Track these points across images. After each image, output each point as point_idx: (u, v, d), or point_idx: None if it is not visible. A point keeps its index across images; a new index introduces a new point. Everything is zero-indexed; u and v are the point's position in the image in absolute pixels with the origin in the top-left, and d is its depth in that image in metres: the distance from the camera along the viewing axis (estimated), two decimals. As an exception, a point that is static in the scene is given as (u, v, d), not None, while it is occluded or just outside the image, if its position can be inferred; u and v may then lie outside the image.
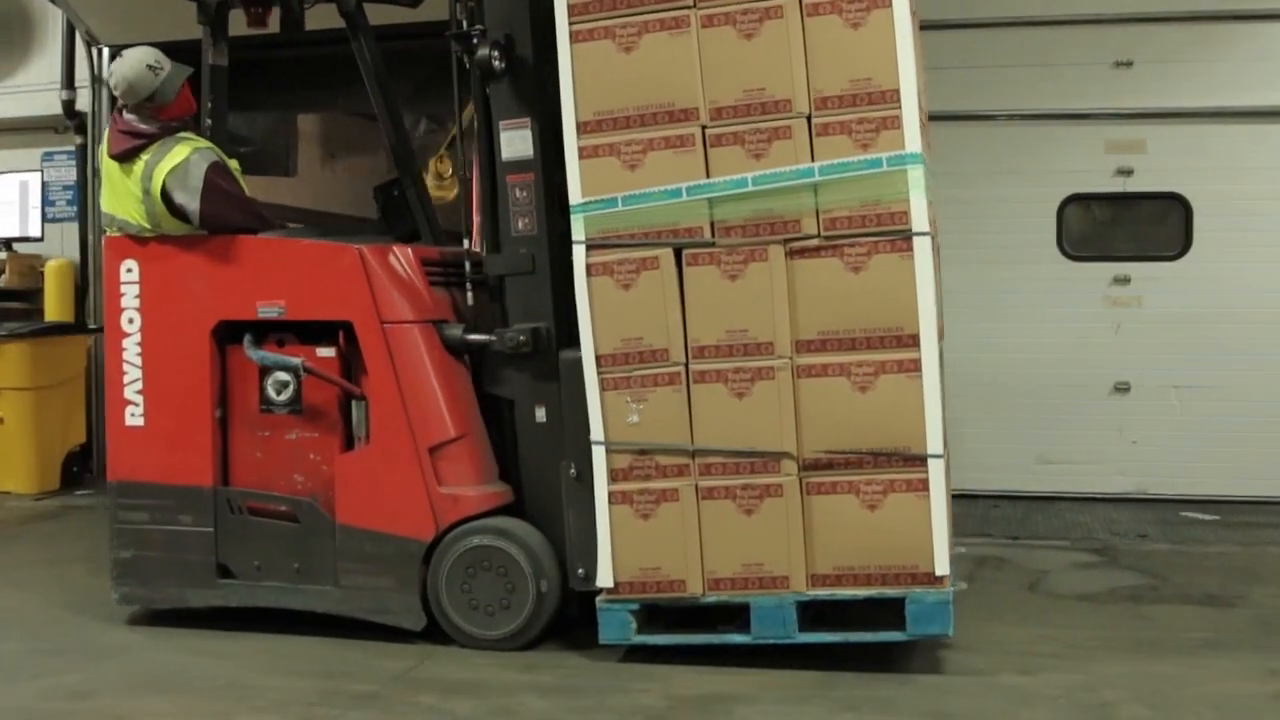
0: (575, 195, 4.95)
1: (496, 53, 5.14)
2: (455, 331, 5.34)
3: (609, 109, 4.92)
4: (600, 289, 4.93)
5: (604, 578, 4.95)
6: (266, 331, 5.38)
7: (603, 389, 4.94)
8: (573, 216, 4.96)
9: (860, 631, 4.90)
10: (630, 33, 4.90)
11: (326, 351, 5.33)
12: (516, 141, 5.27)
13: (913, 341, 4.73)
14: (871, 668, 4.87)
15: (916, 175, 4.71)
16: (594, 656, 5.05)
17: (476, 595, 5.13)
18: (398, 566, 5.21)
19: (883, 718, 4.48)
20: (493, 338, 5.31)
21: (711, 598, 4.90)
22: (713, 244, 4.85)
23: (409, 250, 5.39)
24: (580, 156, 4.94)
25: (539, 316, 5.27)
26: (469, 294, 5.46)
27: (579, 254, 4.95)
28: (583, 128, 4.94)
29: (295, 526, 5.35)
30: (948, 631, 4.78)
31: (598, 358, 4.94)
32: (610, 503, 4.94)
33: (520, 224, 5.28)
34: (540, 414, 5.30)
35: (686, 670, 4.88)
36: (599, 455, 4.95)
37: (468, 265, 5.45)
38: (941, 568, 4.73)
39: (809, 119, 4.78)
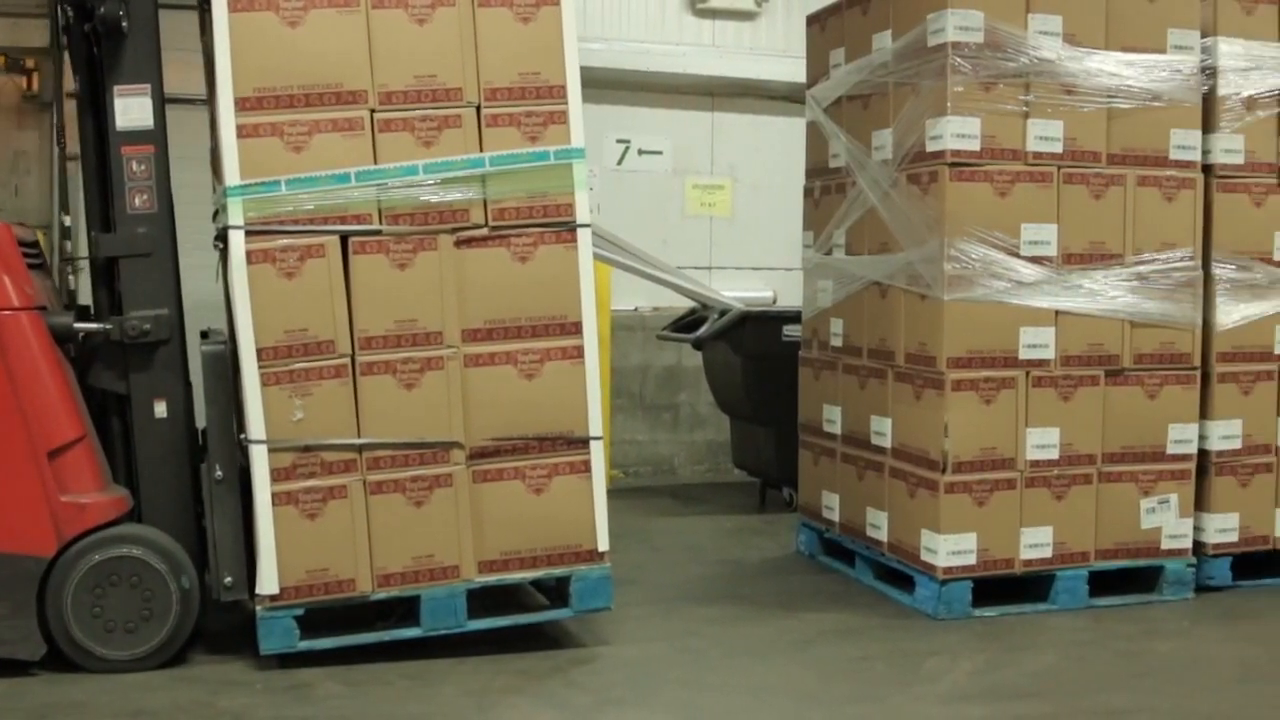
0: (232, 176, 4.60)
1: (123, 10, 4.63)
2: (64, 319, 4.74)
3: (271, 86, 4.62)
4: (260, 277, 4.63)
5: (267, 584, 4.67)
6: None
7: (264, 384, 4.65)
8: (229, 199, 4.60)
9: (528, 614, 5.06)
10: (295, 6, 4.63)
11: (-91, 346, 4.53)
12: (134, 109, 4.78)
13: (575, 329, 4.92)
14: (62, 669, 4.67)
15: (581, 169, 4.89)
16: None
17: (110, 613, 4.64)
18: (11, 589, 4.56)
19: (78, 723, 4.34)
20: (108, 326, 4.79)
21: (381, 594, 4.80)
22: (380, 232, 4.73)
23: (3, 227, 4.71)
24: (239, 135, 4.59)
25: (160, 303, 4.83)
26: (71, 277, 4.88)
27: (236, 239, 4.61)
28: (241, 104, 4.60)
29: None
30: (610, 605, 5.04)
31: (258, 351, 4.64)
32: (273, 504, 4.67)
33: (137, 201, 4.81)
34: (160, 409, 4.87)
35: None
36: (259, 455, 4.65)
37: (69, 245, 4.87)
38: (603, 544, 4.98)
39: (479, 109, 4.80)
